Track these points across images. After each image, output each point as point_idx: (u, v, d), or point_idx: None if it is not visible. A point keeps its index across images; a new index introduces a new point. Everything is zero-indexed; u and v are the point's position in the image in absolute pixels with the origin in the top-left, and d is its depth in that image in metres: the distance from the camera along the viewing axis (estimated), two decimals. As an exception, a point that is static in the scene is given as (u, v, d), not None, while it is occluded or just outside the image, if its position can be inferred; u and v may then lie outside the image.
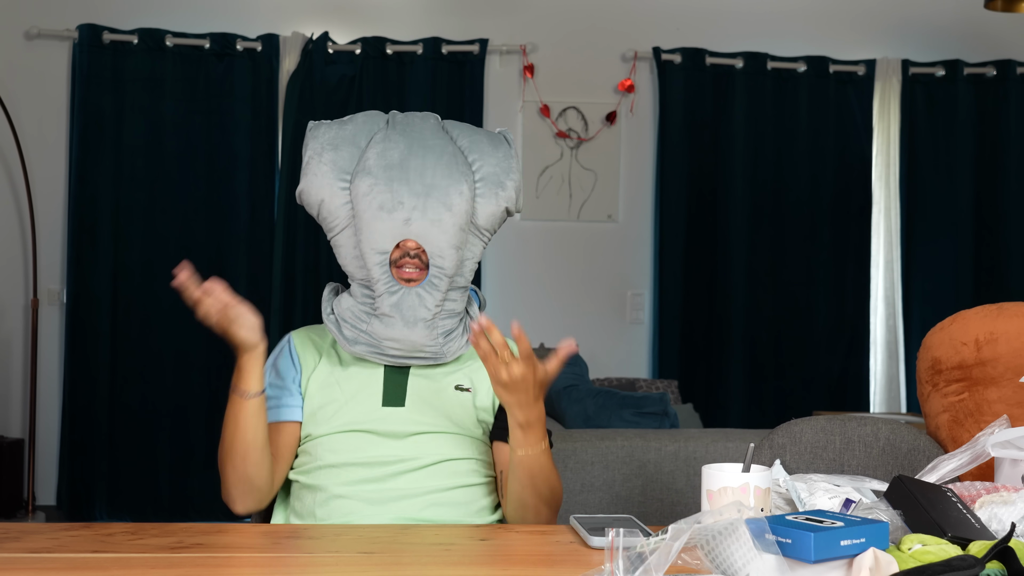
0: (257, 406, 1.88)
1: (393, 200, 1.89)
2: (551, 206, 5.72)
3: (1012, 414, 2.08)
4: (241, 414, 1.87)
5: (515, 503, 1.89)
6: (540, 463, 1.84)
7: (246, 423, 1.87)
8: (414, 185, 1.90)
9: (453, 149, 1.96)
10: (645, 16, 5.81)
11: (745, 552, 1.26)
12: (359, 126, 1.99)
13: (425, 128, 1.98)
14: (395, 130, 1.97)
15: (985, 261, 5.89)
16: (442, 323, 1.95)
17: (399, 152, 1.93)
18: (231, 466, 1.89)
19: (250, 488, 1.91)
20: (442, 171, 1.92)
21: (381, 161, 1.91)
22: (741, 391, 5.76)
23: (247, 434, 1.87)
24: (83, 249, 5.38)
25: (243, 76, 5.53)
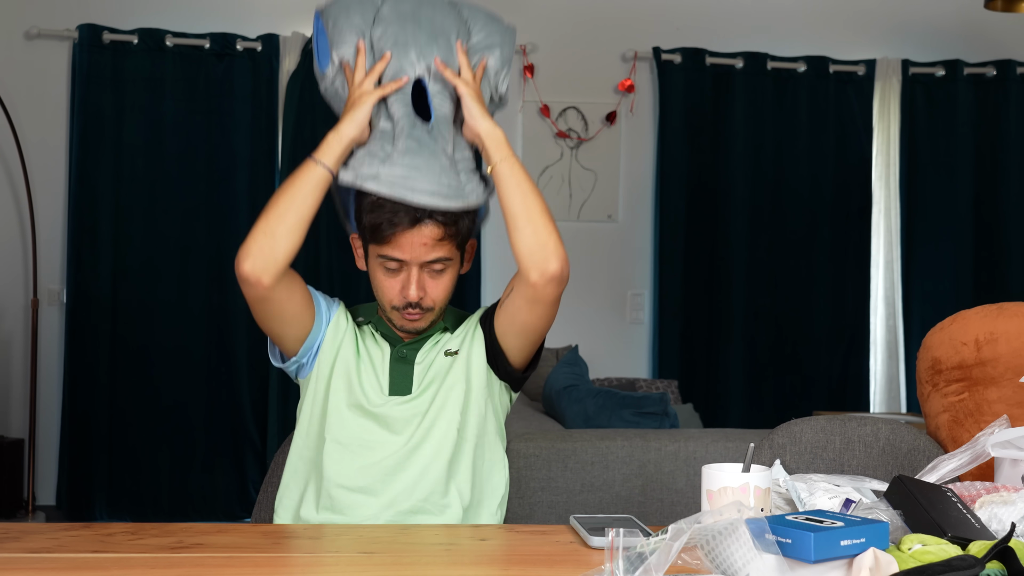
0: (319, 177, 1.92)
1: (406, 39, 1.97)
2: (551, 206, 5.61)
3: (1012, 414, 2.08)
4: (302, 176, 1.92)
5: (512, 237, 1.93)
6: (521, 170, 1.95)
7: (302, 185, 1.92)
8: (423, 28, 1.98)
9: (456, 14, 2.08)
10: (645, 16, 5.81)
11: (745, 552, 1.26)
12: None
13: None
14: None
15: (985, 261, 5.89)
16: (460, 161, 1.97)
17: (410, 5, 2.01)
18: (266, 223, 1.92)
19: (271, 253, 1.91)
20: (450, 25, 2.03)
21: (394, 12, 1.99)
22: (741, 391, 5.76)
23: (296, 195, 1.91)
24: (83, 249, 5.38)
25: (243, 76, 5.53)
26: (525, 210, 1.92)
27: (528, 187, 1.95)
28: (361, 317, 2.08)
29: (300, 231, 1.92)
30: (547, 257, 1.90)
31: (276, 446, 5.26)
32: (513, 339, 2.00)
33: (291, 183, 1.93)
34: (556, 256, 1.91)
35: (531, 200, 1.93)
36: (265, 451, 5.48)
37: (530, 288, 1.92)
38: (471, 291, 5.58)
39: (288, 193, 1.92)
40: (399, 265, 1.95)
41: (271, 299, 1.95)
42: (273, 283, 1.92)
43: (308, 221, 1.93)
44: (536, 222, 1.92)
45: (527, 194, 1.94)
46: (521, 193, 1.93)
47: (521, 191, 1.93)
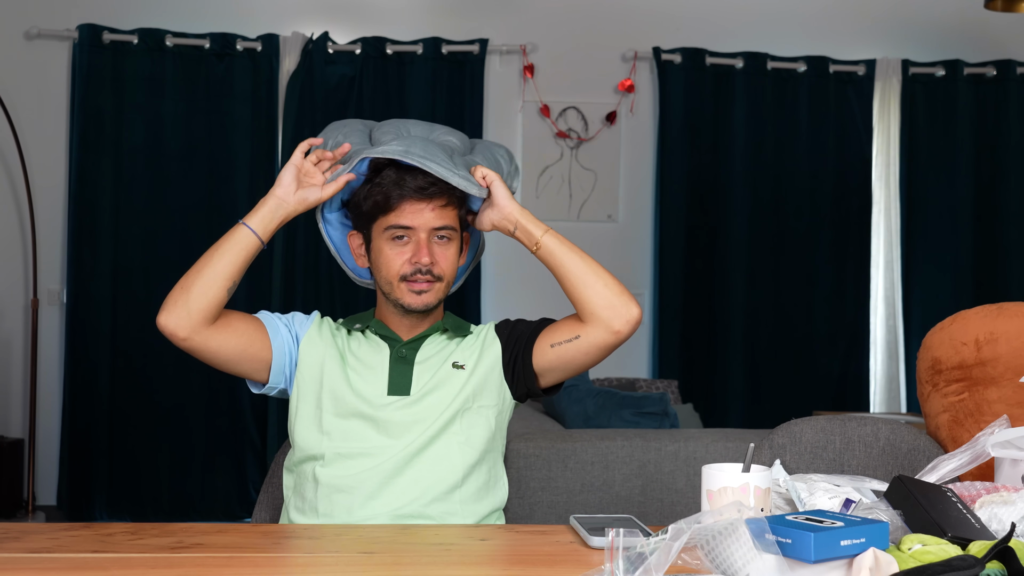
0: (243, 239, 1.94)
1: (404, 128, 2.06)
2: (551, 206, 5.72)
3: (1012, 414, 2.08)
4: (229, 239, 1.94)
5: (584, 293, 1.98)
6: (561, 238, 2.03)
7: (223, 244, 1.94)
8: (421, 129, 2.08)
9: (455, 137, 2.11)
10: (645, 16, 5.81)
11: (745, 552, 1.26)
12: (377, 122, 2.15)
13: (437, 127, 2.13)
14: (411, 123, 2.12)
15: (985, 261, 5.89)
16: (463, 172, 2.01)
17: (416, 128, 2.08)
18: (186, 279, 1.93)
19: (185, 309, 1.91)
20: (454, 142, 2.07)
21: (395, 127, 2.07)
22: (741, 391, 5.76)
23: (214, 252, 1.93)
24: (83, 249, 5.38)
25: (243, 76, 5.53)
26: (588, 268, 2.00)
27: (578, 251, 2.02)
28: (358, 324, 2.07)
29: (216, 289, 1.92)
30: (627, 303, 1.98)
31: (276, 446, 5.27)
32: (558, 373, 2.03)
33: (218, 243, 1.95)
34: (632, 302, 1.99)
35: (587, 258, 2.01)
36: (265, 451, 5.48)
37: (612, 336, 1.97)
38: (471, 295, 5.58)
39: (211, 253, 1.94)
40: (407, 233, 1.98)
41: (198, 350, 1.95)
42: (190, 336, 1.92)
43: (226, 280, 1.93)
44: (602, 276, 2.00)
45: (582, 254, 2.02)
46: (577, 255, 2.01)
47: (576, 253, 2.01)
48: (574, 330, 2.00)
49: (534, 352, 2.02)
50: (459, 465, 1.95)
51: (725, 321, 5.76)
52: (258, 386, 2.05)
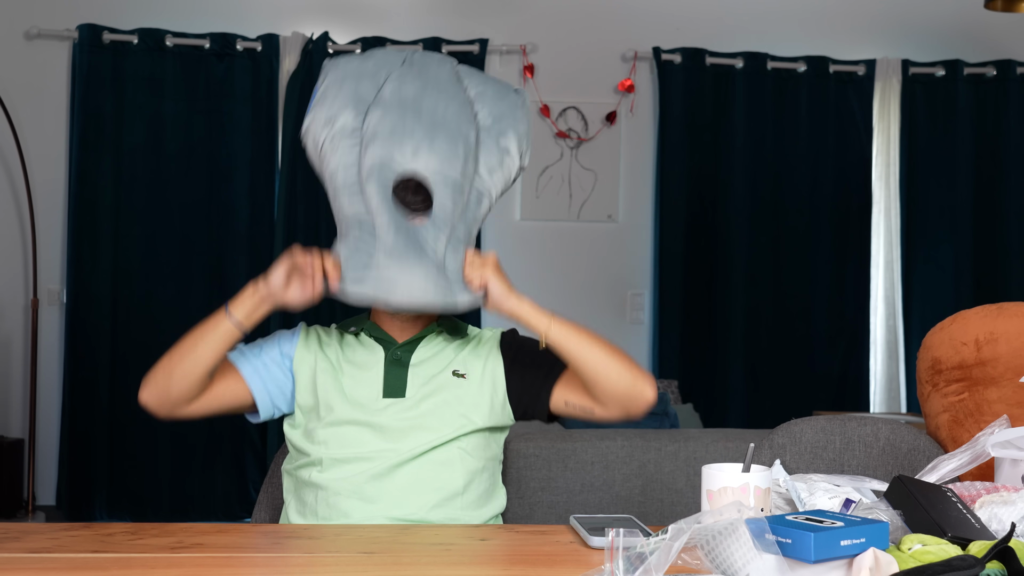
0: (227, 332, 1.90)
1: (404, 128, 1.91)
2: (551, 206, 5.72)
3: (1012, 414, 2.08)
4: (212, 324, 1.91)
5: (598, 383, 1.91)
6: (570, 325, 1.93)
7: (208, 334, 1.91)
8: (424, 119, 1.92)
9: (463, 98, 1.98)
10: (645, 16, 5.81)
11: (745, 552, 1.26)
12: (379, 62, 2.00)
13: (441, 73, 2.00)
14: (412, 69, 1.99)
15: (985, 261, 5.89)
16: (451, 265, 1.91)
17: (414, 89, 1.96)
18: (168, 361, 1.92)
19: (165, 392, 1.93)
20: (452, 114, 1.94)
21: (396, 96, 1.95)
22: (741, 391, 5.76)
23: (199, 342, 1.91)
24: (83, 249, 5.38)
25: (243, 76, 5.53)
26: (600, 357, 1.91)
27: (587, 337, 1.93)
28: (353, 327, 2.05)
29: (196, 378, 1.92)
30: (642, 390, 1.92)
31: (276, 446, 5.27)
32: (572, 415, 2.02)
33: (201, 328, 1.92)
34: (648, 385, 1.93)
35: (598, 349, 1.92)
36: (265, 451, 5.48)
37: (626, 418, 1.95)
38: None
39: (193, 338, 1.92)
40: None
41: (182, 417, 1.97)
42: (171, 413, 1.95)
43: (206, 370, 1.92)
44: (615, 363, 1.92)
45: (591, 345, 1.92)
46: (587, 347, 1.92)
47: (585, 346, 1.92)
48: (588, 402, 1.97)
49: (551, 401, 2.01)
50: (461, 472, 1.94)
51: (725, 321, 5.76)
52: (255, 416, 2.04)
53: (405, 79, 1.96)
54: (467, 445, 1.96)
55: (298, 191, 5.47)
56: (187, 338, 1.92)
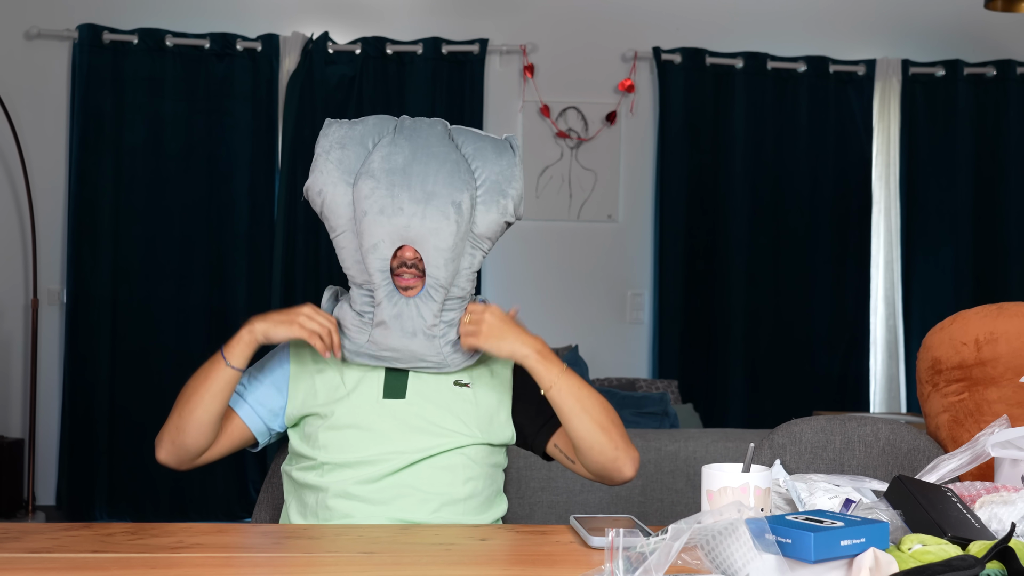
0: (228, 378, 1.92)
1: (394, 205, 1.88)
2: (551, 206, 5.72)
3: (1012, 414, 2.08)
4: (212, 375, 1.92)
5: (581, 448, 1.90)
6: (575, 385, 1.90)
7: (210, 385, 1.92)
8: (415, 191, 1.88)
9: (457, 157, 1.94)
10: (645, 16, 5.81)
11: (745, 552, 1.26)
12: (369, 128, 1.97)
13: (432, 135, 1.96)
14: (402, 135, 1.95)
15: (985, 261, 5.89)
16: (444, 333, 1.94)
17: (403, 157, 1.91)
18: (178, 418, 1.94)
19: (181, 448, 1.96)
20: (444, 179, 1.90)
21: (385, 165, 1.91)
22: (741, 391, 5.76)
23: (204, 394, 1.92)
24: (83, 249, 5.38)
25: (243, 76, 5.53)
26: (589, 433, 1.89)
27: (587, 403, 1.90)
28: None
29: (208, 428, 1.95)
30: (620, 469, 1.92)
31: (276, 446, 5.26)
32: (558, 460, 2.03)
33: (202, 380, 1.93)
34: (628, 463, 1.92)
35: (590, 421, 1.89)
36: (265, 451, 5.48)
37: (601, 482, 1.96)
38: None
39: (197, 392, 1.93)
40: None
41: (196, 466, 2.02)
42: (189, 467, 2.00)
43: (216, 418, 1.95)
44: (601, 439, 1.89)
45: (587, 411, 1.89)
46: (581, 411, 1.89)
47: (581, 409, 1.89)
48: (572, 456, 1.98)
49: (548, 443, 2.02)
50: (463, 478, 1.94)
51: (725, 321, 5.76)
52: (255, 448, 2.07)
53: (395, 146, 1.93)
54: (470, 452, 1.95)
55: (298, 191, 5.46)
56: (190, 392, 1.94)
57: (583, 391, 1.90)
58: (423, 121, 1.99)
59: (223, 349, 1.93)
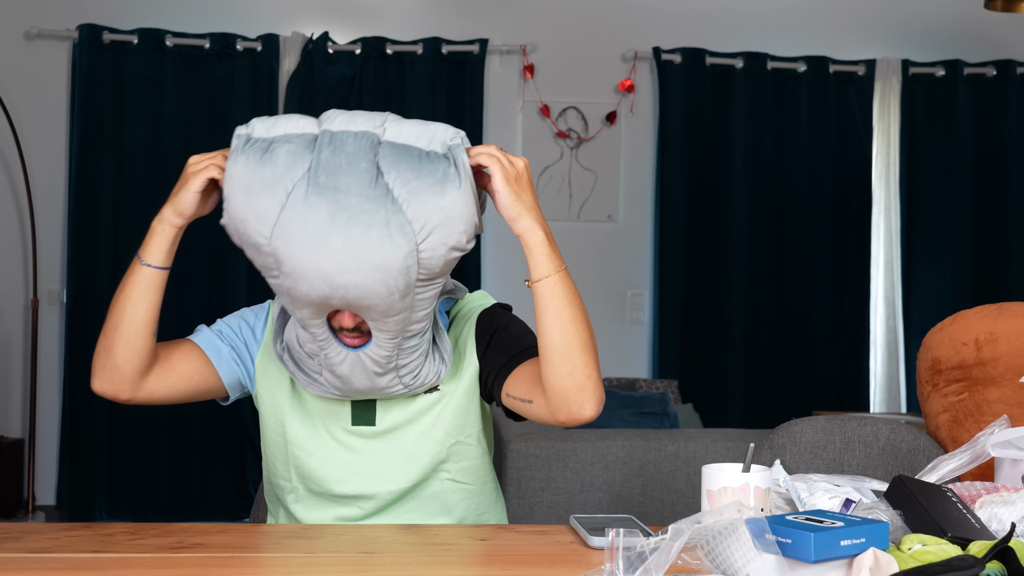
0: (149, 278, 1.73)
1: (318, 276, 1.58)
2: (551, 206, 5.72)
3: (1012, 414, 2.08)
4: (130, 279, 1.74)
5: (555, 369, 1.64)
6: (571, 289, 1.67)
7: (131, 290, 1.73)
8: (341, 262, 1.56)
9: (387, 210, 1.56)
10: (645, 16, 5.81)
11: (745, 552, 1.26)
12: (279, 171, 1.59)
13: (354, 179, 1.56)
14: (315, 188, 1.56)
15: (985, 261, 5.89)
16: (404, 366, 1.71)
17: (320, 224, 1.56)
18: (104, 337, 1.74)
19: (113, 370, 1.74)
20: (373, 246, 1.55)
21: (303, 232, 1.57)
22: (741, 391, 5.76)
23: (126, 302, 1.72)
24: (83, 249, 5.39)
25: (243, 76, 5.53)
26: (564, 344, 1.64)
27: (570, 314, 1.65)
28: None
29: (140, 341, 1.73)
30: (582, 402, 1.65)
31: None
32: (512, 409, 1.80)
33: (121, 288, 1.74)
34: (593, 400, 1.66)
35: (572, 333, 1.65)
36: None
37: (553, 420, 1.69)
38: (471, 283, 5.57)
39: (119, 301, 1.73)
40: None
41: (146, 403, 1.79)
42: (132, 395, 1.76)
43: (147, 327, 1.73)
44: (574, 360, 1.65)
45: (568, 324, 1.65)
46: (560, 324, 1.65)
47: (570, 315, 1.65)
48: (531, 392, 1.71)
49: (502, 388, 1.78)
50: (457, 502, 1.83)
51: (725, 321, 5.76)
52: (224, 400, 1.89)
53: (309, 207, 1.56)
54: (458, 470, 1.82)
55: (298, 191, 5.46)
56: (114, 307, 1.74)
57: (576, 298, 1.67)
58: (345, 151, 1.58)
59: (140, 250, 1.74)
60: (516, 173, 1.64)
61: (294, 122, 1.64)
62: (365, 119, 1.63)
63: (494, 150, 1.64)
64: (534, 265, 1.65)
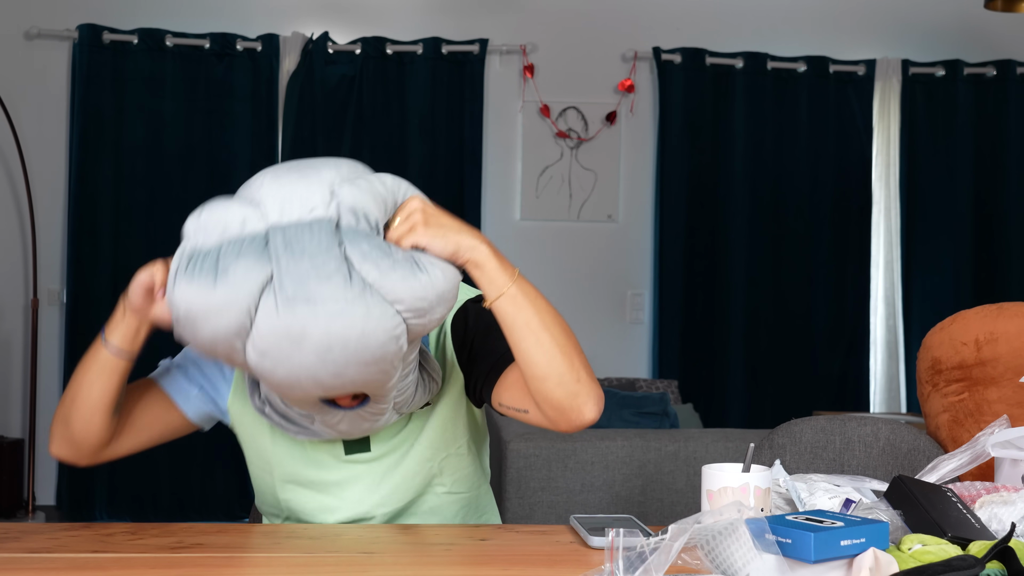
0: (107, 363, 1.59)
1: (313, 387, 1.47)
2: (551, 206, 5.72)
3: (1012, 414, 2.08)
4: (92, 362, 1.61)
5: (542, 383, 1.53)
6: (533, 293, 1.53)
7: (88, 368, 1.61)
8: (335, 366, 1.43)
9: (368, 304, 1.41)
10: (645, 16, 5.81)
11: (745, 552, 1.26)
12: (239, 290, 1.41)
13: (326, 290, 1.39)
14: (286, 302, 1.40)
15: (985, 261, 5.89)
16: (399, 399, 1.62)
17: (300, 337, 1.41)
18: (62, 408, 1.64)
19: (71, 441, 1.65)
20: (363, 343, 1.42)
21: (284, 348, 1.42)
22: (741, 391, 5.76)
23: (83, 386, 1.61)
24: (83, 249, 5.39)
25: (243, 76, 5.53)
26: (543, 356, 1.52)
27: (540, 321, 1.52)
28: None
29: (97, 420, 1.63)
30: (579, 408, 1.54)
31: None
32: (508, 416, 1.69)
33: (82, 362, 1.63)
34: (590, 402, 1.55)
35: (548, 341, 1.52)
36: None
37: (555, 429, 1.59)
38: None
39: (77, 376, 1.62)
40: None
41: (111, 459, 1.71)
42: (92, 460, 1.68)
43: (104, 408, 1.62)
44: (559, 368, 1.52)
45: (541, 333, 1.52)
46: (533, 335, 1.51)
47: (539, 324, 1.52)
48: (524, 401, 1.60)
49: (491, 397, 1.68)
50: (455, 512, 1.80)
51: (725, 321, 5.76)
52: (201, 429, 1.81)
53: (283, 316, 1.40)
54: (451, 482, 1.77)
55: (298, 191, 5.46)
56: (73, 381, 1.63)
57: (540, 302, 1.53)
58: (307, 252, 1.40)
59: (105, 326, 1.60)
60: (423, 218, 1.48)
61: (231, 213, 1.45)
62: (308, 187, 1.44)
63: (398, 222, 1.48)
64: (489, 283, 1.52)
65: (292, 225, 1.42)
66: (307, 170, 1.48)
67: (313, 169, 1.48)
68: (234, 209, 1.46)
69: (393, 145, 5.57)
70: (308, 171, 1.47)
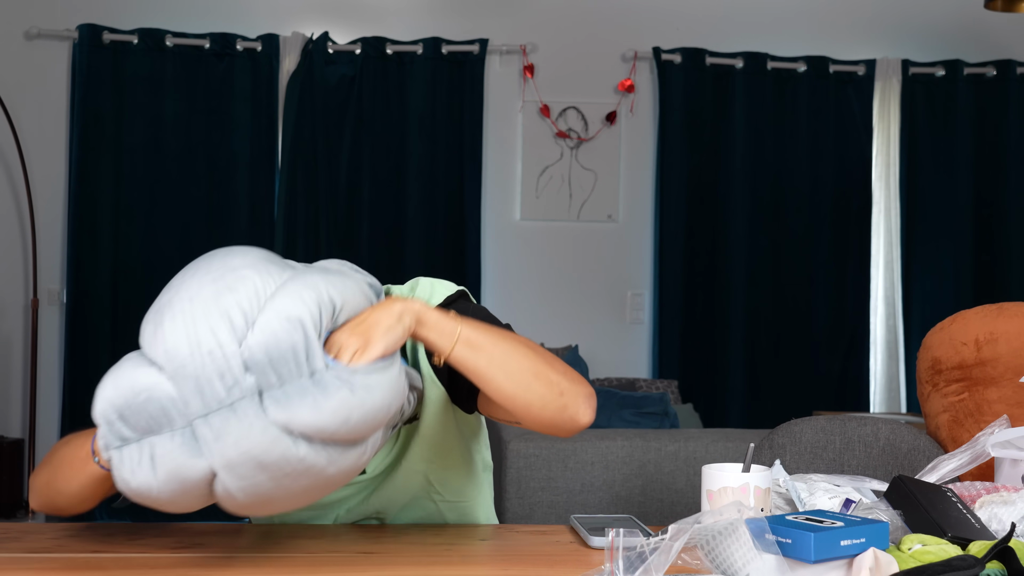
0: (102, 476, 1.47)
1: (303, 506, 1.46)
2: (551, 206, 5.72)
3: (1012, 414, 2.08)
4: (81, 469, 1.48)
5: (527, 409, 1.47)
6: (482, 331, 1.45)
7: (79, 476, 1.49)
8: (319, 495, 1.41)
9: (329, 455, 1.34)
10: (645, 16, 5.81)
11: (745, 552, 1.26)
12: (179, 465, 1.34)
13: (271, 464, 1.35)
14: (234, 477, 1.36)
15: (985, 261, 5.89)
16: None
17: (268, 494, 1.38)
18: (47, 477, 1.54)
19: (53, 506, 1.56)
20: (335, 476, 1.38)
21: (257, 501, 1.40)
22: (741, 391, 5.76)
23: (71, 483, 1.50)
24: (83, 249, 5.39)
25: (243, 76, 5.53)
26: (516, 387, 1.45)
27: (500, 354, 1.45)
28: None
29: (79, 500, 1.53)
30: (572, 418, 1.48)
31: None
32: None
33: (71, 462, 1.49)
34: (581, 408, 1.49)
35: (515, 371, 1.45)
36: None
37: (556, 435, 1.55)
38: (471, 283, 5.57)
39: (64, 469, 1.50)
40: None
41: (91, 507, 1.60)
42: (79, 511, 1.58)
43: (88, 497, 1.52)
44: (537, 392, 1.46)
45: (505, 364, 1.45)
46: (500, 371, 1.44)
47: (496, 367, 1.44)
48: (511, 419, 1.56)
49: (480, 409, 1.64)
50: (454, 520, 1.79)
51: (725, 321, 5.76)
52: None
53: (234, 483, 1.36)
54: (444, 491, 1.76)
55: (298, 191, 5.47)
56: (62, 464, 1.51)
57: (492, 333, 1.46)
58: (230, 434, 1.32)
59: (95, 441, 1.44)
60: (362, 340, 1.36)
61: (140, 377, 1.33)
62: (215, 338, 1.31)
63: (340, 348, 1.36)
64: (438, 335, 1.42)
65: (215, 414, 1.31)
66: (211, 305, 1.35)
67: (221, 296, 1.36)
68: (140, 366, 1.34)
69: (393, 145, 5.57)
70: (212, 306, 1.35)
